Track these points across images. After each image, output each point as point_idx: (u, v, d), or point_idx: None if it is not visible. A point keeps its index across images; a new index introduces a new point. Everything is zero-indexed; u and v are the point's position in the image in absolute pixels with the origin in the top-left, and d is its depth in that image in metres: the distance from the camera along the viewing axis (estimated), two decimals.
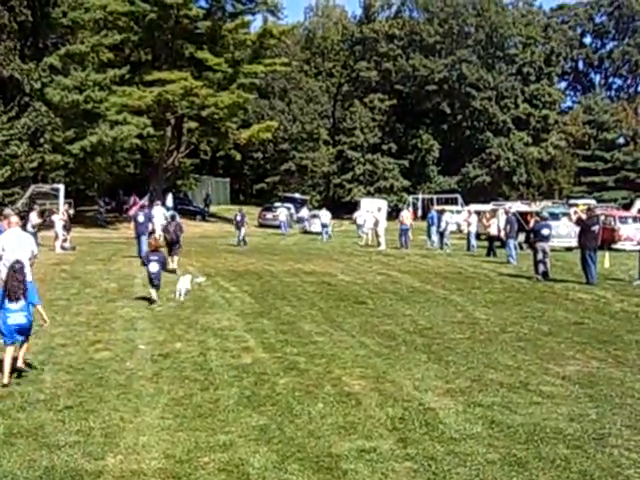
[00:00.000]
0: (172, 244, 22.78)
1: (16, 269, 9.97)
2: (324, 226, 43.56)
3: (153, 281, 16.63)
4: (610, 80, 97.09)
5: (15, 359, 9.81)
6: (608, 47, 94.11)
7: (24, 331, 9.96)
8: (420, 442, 7.38)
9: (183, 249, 24.74)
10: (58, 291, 17.99)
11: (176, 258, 22.58)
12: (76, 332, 12.86)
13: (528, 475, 6.56)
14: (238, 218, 37.44)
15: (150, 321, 14.12)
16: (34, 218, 27.37)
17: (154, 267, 16.60)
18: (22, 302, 9.78)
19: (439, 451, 7.14)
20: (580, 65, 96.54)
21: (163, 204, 43.28)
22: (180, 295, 16.90)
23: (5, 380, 9.43)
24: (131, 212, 34.13)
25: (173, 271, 20.90)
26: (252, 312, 15.28)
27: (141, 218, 26.47)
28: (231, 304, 16.38)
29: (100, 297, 17.14)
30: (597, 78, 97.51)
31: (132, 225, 27.35)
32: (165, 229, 24.24)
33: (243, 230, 37.22)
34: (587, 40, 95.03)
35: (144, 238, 25.31)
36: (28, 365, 10.22)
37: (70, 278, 20.52)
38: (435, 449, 7.19)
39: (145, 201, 42.36)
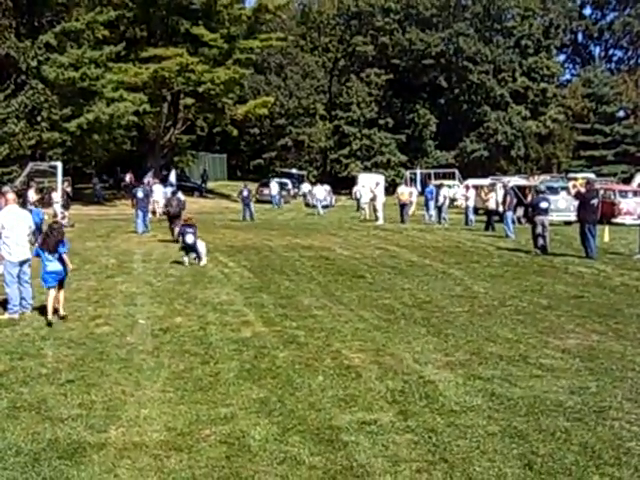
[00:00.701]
0: (174, 217, 24.12)
1: (54, 228, 12.29)
2: (318, 200, 44.63)
3: (188, 249, 18.58)
4: (610, 52, 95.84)
5: (57, 301, 12.16)
6: (608, 18, 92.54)
7: (59, 276, 12.21)
8: (420, 414, 7.41)
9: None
10: None
11: (177, 230, 22.47)
12: (76, 307, 12.87)
13: (528, 447, 6.59)
14: (245, 194, 37.58)
15: (149, 296, 14.14)
16: (32, 195, 27.33)
17: (190, 238, 18.55)
18: (56, 254, 12.08)
19: (439, 423, 7.17)
20: (579, 37, 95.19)
21: (163, 181, 43.38)
22: (202, 260, 18.65)
23: (49, 317, 11.70)
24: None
25: (175, 241, 21.79)
26: (251, 287, 15.30)
27: (140, 194, 27.89)
28: (230, 279, 16.40)
29: (100, 273, 17.16)
30: (597, 50, 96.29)
31: (132, 201, 28.46)
32: (167, 203, 25.78)
33: (252, 205, 37.75)
34: (587, 11, 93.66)
35: (142, 213, 27.15)
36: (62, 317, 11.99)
37: (69, 254, 20.44)
38: (435, 421, 7.22)
39: (149, 178, 42.47)
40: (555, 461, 6.28)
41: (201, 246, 18.92)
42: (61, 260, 12.25)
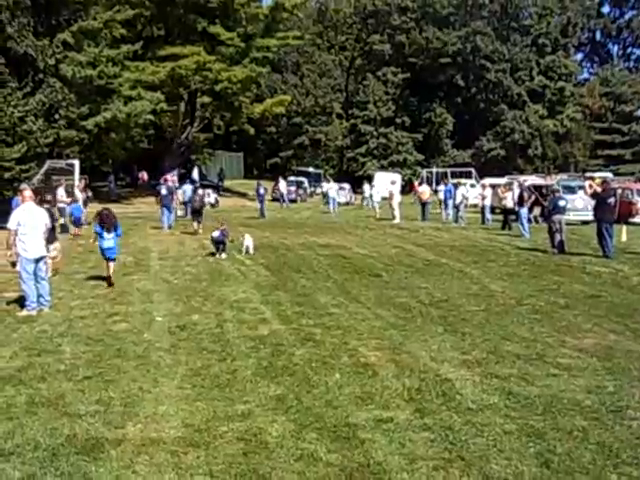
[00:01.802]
0: (196, 212, 27.16)
1: (110, 211, 15.46)
2: (332, 199, 44.35)
3: (216, 243, 20.03)
4: (629, 50, 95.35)
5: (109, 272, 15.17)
6: (627, 16, 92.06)
7: (112, 252, 15.27)
8: (437, 412, 7.41)
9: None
10: (75, 265, 18.15)
11: (200, 224, 26.73)
12: (94, 304, 12.97)
13: (545, 446, 6.57)
14: (261, 191, 38.44)
15: (167, 293, 14.21)
16: (62, 193, 27.70)
17: (215, 233, 20.21)
18: (112, 234, 15.14)
19: (456, 421, 7.16)
20: (597, 35, 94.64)
21: (181, 178, 43.53)
22: (249, 250, 20.63)
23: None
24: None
25: (195, 233, 25.79)
26: (268, 285, 15.33)
27: (164, 191, 29.58)
28: (247, 277, 16.44)
29: (117, 271, 17.12)
30: (615, 49, 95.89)
31: (156, 199, 30.90)
32: (191, 199, 28.93)
33: (265, 203, 38.61)
34: (605, 9, 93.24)
35: (166, 210, 28.82)
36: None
37: (86, 252, 20.61)
38: (452, 419, 7.22)
39: (174, 176, 43.02)
40: (572, 460, 6.26)
41: (249, 239, 21.05)
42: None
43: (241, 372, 8.80)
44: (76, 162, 33.13)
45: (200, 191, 31.04)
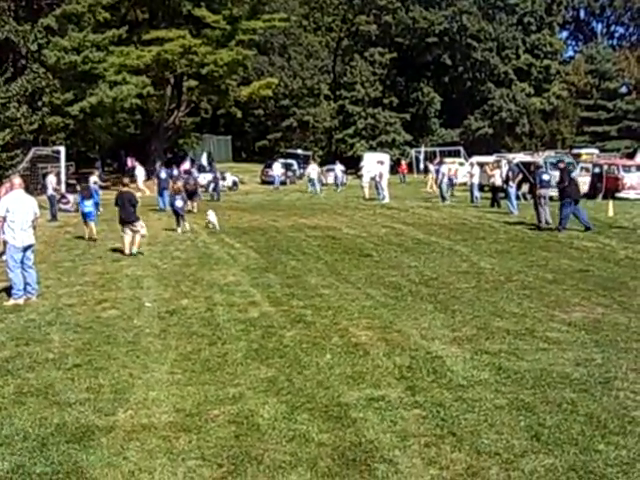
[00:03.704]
0: (192, 194, 28.64)
1: (87, 185, 18.61)
2: (311, 180, 45.89)
3: (178, 213, 22.25)
4: (612, 28, 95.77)
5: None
6: None
7: (91, 215, 19.76)
8: (428, 390, 7.44)
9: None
10: (63, 252, 18.08)
11: (195, 204, 29.18)
12: (82, 292, 12.92)
13: (536, 419, 6.61)
14: (217, 175, 40.04)
15: (156, 279, 14.17)
16: (53, 181, 27.62)
17: (179, 202, 22.32)
18: (91, 201, 18.83)
19: (447, 398, 7.19)
20: (582, 14, 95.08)
21: (167, 163, 43.55)
22: (215, 226, 22.56)
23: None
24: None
25: (190, 211, 27.17)
26: (257, 267, 15.32)
27: (163, 175, 31.66)
28: (236, 260, 16.42)
29: (105, 257, 17.18)
30: (599, 27, 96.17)
31: (155, 181, 32.85)
32: (186, 182, 29.07)
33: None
34: None
35: (166, 192, 29.74)
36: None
37: (74, 239, 20.56)
38: (443, 396, 7.25)
39: (187, 165, 43.86)
40: (562, 432, 6.30)
41: (212, 214, 22.97)
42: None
43: (232, 355, 8.79)
44: (62, 149, 32.94)
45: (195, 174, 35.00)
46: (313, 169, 47.12)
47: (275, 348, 9.05)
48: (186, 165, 44.46)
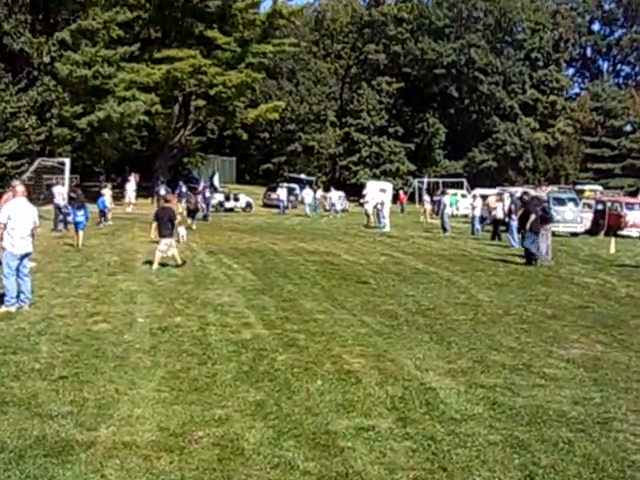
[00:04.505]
0: (193, 211, 30.35)
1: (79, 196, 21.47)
2: (306, 203, 47.68)
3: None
4: (618, 67, 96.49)
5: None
6: (616, 34, 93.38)
7: (82, 225, 21.19)
8: (420, 422, 7.24)
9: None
10: (59, 263, 17.90)
11: (194, 221, 30.00)
12: (75, 304, 12.72)
13: (530, 457, 6.41)
14: (207, 194, 39.47)
15: (150, 295, 13.99)
16: (63, 192, 27.77)
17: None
18: (82, 211, 20.19)
19: (439, 431, 6.99)
20: (588, 52, 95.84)
21: (169, 182, 43.79)
22: (183, 237, 22.93)
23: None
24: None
25: (189, 227, 27.48)
26: (253, 289, 15.14)
27: (162, 192, 32.26)
28: (232, 280, 16.25)
29: (101, 270, 17.02)
30: (605, 65, 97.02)
31: (156, 198, 33.26)
32: (187, 200, 31.46)
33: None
34: (595, 27, 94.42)
35: None
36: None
37: (72, 251, 20.43)
38: (435, 429, 7.04)
39: (203, 183, 45.79)
40: (557, 472, 6.10)
41: (181, 229, 22.97)
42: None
43: (221, 376, 8.60)
44: (67, 161, 32.97)
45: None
46: (307, 194, 48.38)
47: (266, 371, 8.86)
48: (201, 185, 44.93)
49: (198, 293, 14.33)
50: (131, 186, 41.99)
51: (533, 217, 20.81)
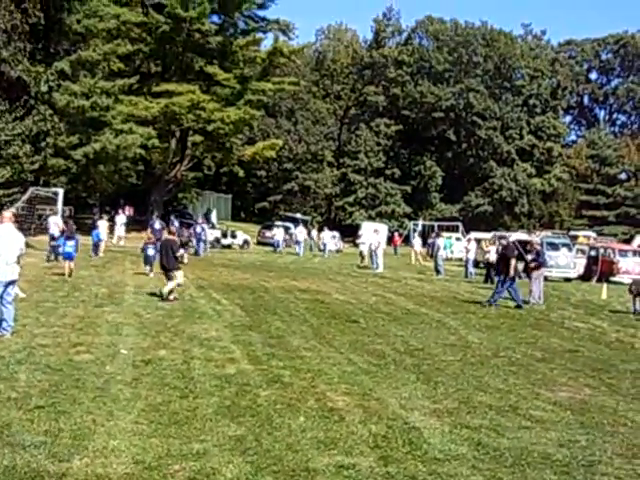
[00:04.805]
0: (184, 244, 28.96)
1: (70, 227, 22.55)
2: (298, 242, 47.42)
3: (148, 259, 23.75)
4: (614, 116, 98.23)
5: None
6: (613, 84, 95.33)
7: (71, 255, 21.79)
8: (402, 461, 7.08)
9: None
10: (46, 293, 17.72)
11: (186, 255, 27.84)
12: (59, 333, 12.54)
13: None
14: (198, 230, 39.13)
15: (136, 327, 13.83)
16: (59, 222, 27.74)
17: (151, 251, 23.81)
18: (72, 242, 21.07)
19: (421, 471, 6.84)
20: (585, 100, 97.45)
21: (163, 217, 43.80)
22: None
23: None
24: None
25: (182, 262, 25.33)
26: (241, 324, 14.99)
27: (157, 226, 32.61)
28: (221, 315, 16.11)
29: (88, 301, 16.86)
30: (602, 113, 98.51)
31: (149, 231, 31.50)
32: (180, 234, 30.47)
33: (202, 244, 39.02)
34: (593, 76, 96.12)
35: (159, 243, 29.36)
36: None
37: (60, 281, 20.26)
38: (417, 469, 6.89)
39: (200, 218, 45.44)
40: None
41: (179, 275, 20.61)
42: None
43: (202, 410, 8.44)
44: (60, 191, 32.92)
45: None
46: (300, 232, 48.24)
47: (248, 406, 8.70)
48: (199, 221, 45.10)
49: (185, 327, 14.18)
50: (121, 219, 41.37)
51: (513, 262, 20.81)
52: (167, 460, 6.77)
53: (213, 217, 56.13)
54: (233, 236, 50.45)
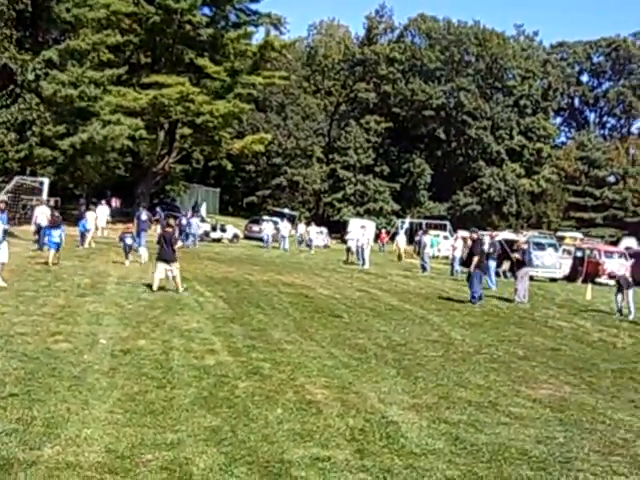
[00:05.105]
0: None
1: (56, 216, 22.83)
2: (283, 237, 47.39)
3: (126, 249, 24.62)
4: (604, 119, 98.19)
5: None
6: (604, 87, 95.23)
7: (56, 244, 22.06)
8: (378, 454, 7.03)
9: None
10: (28, 282, 17.57)
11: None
12: (38, 322, 12.42)
13: None
14: (183, 222, 39.25)
15: (117, 317, 13.72)
16: (47, 212, 27.60)
17: (129, 240, 24.96)
18: (59, 231, 22.25)
19: (397, 464, 6.79)
20: (576, 102, 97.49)
21: (151, 208, 43.64)
22: (142, 257, 25.07)
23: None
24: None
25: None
26: (223, 317, 14.90)
27: (144, 217, 32.52)
28: (203, 307, 16.01)
29: (70, 291, 16.73)
30: (592, 116, 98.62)
31: (135, 222, 32.27)
32: (164, 227, 30.30)
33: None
34: (584, 78, 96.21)
35: (144, 234, 30.62)
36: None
37: (43, 271, 20.10)
38: (393, 462, 6.84)
39: (189, 212, 45.96)
40: None
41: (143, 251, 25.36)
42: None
43: (178, 400, 8.36)
44: (45, 180, 32.70)
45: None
46: (284, 227, 48.16)
47: (225, 397, 8.63)
48: (188, 214, 44.98)
49: (166, 318, 14.08)
50: (103, 210, 39.48)
51: (476, 259, 20.92)
52: (140, 449, 6.71)
53: (202, 210, 55.92)
54: (223, 230, 50.36)
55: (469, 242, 31.85)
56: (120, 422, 7.43)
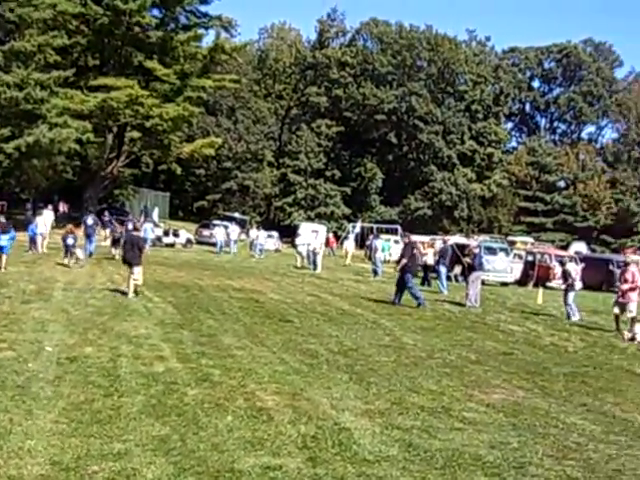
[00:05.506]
0: (116, 241, 30.81)
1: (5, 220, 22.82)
2: (234, 242, 48.10)
3: (70, 249, 25.84)
4: (555, 124, 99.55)
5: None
6: (555, 92, 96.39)
7: (6, 249, 22.35)
8: (330, 462, 6.89)
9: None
10: None
11: (117, 251, 29.58)
12: None
13: None
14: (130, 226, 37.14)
15: (63, 324, 13.41)
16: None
17: (70, 241, 25.99)
18: (8, 235, 22.56)
19: (350, 472, 6.66)
20: (527, 107, 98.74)
21: (98, 214, 42.98)
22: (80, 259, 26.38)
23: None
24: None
25: (113, 257, 29.80)
26: (172, 322, 14.67)
27: (90, 221, 32.51)
28: (152, 313, 15.76)
29: (15, 297, 16.35)
30: (543, 121, 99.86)
31: (82, 227, 32.99)
32: (113, 230, 34.00)
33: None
34: (535, 84, 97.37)
35: (92, 238, 31.64)
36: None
37: None
38: (346, 470, 6.71)
39: (141, 217, 46.95)
40: None
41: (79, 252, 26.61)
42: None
43: (126, 409, 8.14)
44: None
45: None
46: (233, 230, 48.70)
47: (174, 405, 8.43)
48: (141, 219, 44.72)
49: (114, 324, 13.81)
50: (48, 216, 35.94)
51: (404, 261, 21.02)
52: (86, 460, 6.50)
53: (155, 215, 55.44)
54: (175, 235, 49.99)
55: (421, 249, 32.06)
56: (65, 432, 7.20)
